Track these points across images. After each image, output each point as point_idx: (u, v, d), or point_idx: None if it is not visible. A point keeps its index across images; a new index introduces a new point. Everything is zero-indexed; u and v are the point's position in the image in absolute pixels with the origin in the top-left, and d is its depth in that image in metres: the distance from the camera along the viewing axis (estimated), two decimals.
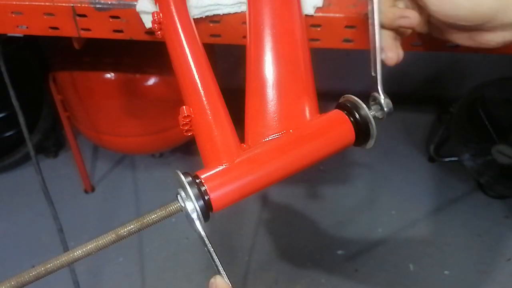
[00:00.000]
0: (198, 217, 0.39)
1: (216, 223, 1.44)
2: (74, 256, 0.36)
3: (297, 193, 1.53)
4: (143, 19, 0.60)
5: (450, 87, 1.83)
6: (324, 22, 0.60)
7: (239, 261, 1.36)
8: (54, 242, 1.04)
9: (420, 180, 1.59)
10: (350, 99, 0.45)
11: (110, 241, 0.37)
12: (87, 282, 1.31)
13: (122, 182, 1.59)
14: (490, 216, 1.49)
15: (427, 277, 1.34)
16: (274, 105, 0.47)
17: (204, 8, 0.59)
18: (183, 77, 0.49)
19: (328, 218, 1.48)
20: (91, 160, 1.65)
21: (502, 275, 1.34)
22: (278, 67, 0.48)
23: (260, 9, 0.51)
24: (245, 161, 0.43)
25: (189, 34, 0.51)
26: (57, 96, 1.27)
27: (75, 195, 1.55)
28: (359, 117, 0.44)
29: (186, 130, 0.47)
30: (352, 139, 0.45)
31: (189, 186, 0.39)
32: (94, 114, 1.26)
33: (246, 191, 0.42)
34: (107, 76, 1.16)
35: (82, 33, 0.65)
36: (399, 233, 1.45)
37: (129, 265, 1.36)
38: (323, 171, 1.59)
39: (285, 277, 1.34)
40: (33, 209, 1.49)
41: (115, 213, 1.50)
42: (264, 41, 0.49)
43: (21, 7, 0.63)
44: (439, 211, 1.51)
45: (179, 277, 1.34)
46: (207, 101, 0.47)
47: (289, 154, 0.43)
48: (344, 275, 1.35)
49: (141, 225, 0.38)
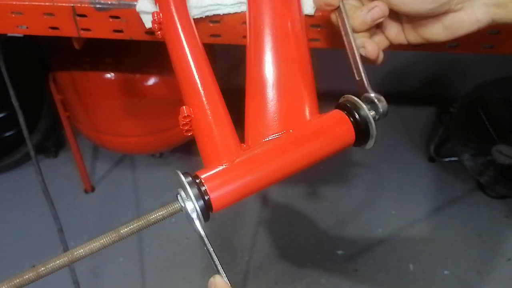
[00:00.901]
0: (198, 217, 0.39)
1: (216, 223, 1.44)
2: (74, 256, 0.36)
3: (297, 193, 1.53)
4: (143, 19, 0.60)
5: (450, 87, 1.83)
6: (324, 22, 0.60)
7: (239, 261, 1.36)
8: (54, 242, 1.04)
9: (420, 180, 1.60)
10: (350, 99, 0.45)
11: (111, 241, 0.37)
12: (87, 282, 1.31)
13: (122, 182, 1.59)
14: (490, 216, 1.49)
15: (427, 277, 1.34)
16: (274, 105, 0.47)
17: (204, 8, 0.59)
18: (183, 77, 0.49)
19: (328, 218, 1.48)
20: (91, 160, 1.65)
21: (502, 275, 1.34)
22: (278, 67, 0.48)
23: (260, 9, 0.51)
24: (245, 161, 0.43)
25: (189, 34, 0.51)
26: (57, 96, 1.27)
27: (75, 195, 1.55)
28: (359, 117, 0.44)
29: (186, 130, 0.47)
30: (352, 139, 0.45)
31: (189, 186, 0.39)
32: (94, 114, 1.26)
33: (246, 191, 0.42)
34: (107, 76, 1.16)
35: (82, 33, 0.65)
36: (399, 233, 1.45)
37: (129, 265, 1.36)
38: (323, 171, 1.59)
39: (285, 277, 1.34)
40: (33, 209, 1.49)
41: (115, 213, 1.50)
42: (264, 41, 0.49)
43: (21, 7, 0.63)
44: (439, 211, 1.51)
45: (179, 277, 1.34)
46: (207, 101, 0.47)
47: (289, 154, 0.43)
48: (344, 275, 1.35)
49: (141, 224, 0.38)
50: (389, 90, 0.46)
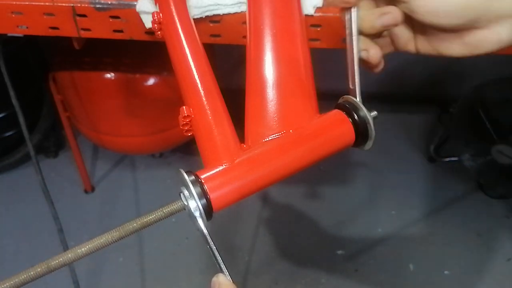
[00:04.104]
0: (201, 216, 0.39)
1: (216, 223, 1.43)
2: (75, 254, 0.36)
3: (297, 193, 1.53)
4: (143, 19, 0.60)
5: (450, 87, 1.83)
6: (324, 22, 0.60)
7: (239, 261, 1.36)
8: (54, 242, 1.04)
9: (420, 180, 1.60)
10: (349, 100, 0.45)
11: (114, 239, 0.37)
12: (87, 282, 1.31)
13: (122, 182, 1.59)
14: (490, 216, 1.49)
15: (427, 277, 1.34)
16: (274, 105, 0.47)
17: (204, 8, 0.59)
18: (183, 77, 0.49)
19: (328, 218, 1.48)
20: (91, 160, 1.65)
21: (502, 275, 1.34)
22: (278, 67, 0.48)
23: (260, 9, 0.51)
24: (245, 161, 0.43)
25: (189, 34, 0.51)
26: (57, 96, 1.27)
27: (75, 195, 1.55)
28: (358, 118, 0.44)
29: (186, 130, 0.47)
30: (352, 139, 0.45)
31: (192, 184, 0.39)
32: (94, 114, 1.26)
33: (246, 191, 0.42)
34: (107, 76, 1.16)
35: (82, 33, 0.65)
36: (399, 233, 1.45)
37: (129, 265, 1.36)
38: (323, 171, 1.59)
39: (285, 277, 1.34)
40: (33, 209, 1.49)
41: (115, 213, 1.50)
42: (264, 41, 0.49)
43: (21, 7, 0.63)
44: (439, 211, 1.51)
45: (179, 277, 1.34)
46: (207, 101, 0.47)
47: (289, 154, 0.43)
48: (344, 275, 1.35)
49: (144, 223, 0.38)
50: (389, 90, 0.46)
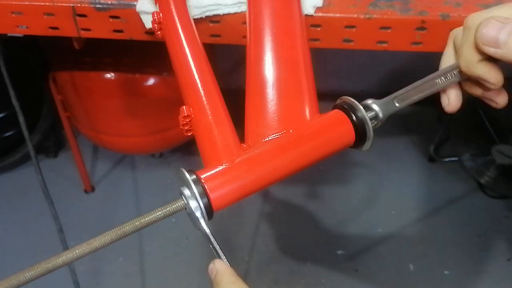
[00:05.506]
0: (202, 215, 0.39)
1: (216, 223, 1.43)
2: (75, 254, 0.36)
3: (297, 193, 1.53)
4: (143, 19, 0.60)
5: None
6: (324, 22, 0.60)
7: (239, 261, 1.36)
8: (54, 242, 1.04)
9: (420, 180, 1.59)
10: (347, 100, 0.45)
11: (114, 238, 0.37)
12: (87, 282, 1.31)
13: (122, 182, 1.59)
14: (490, 216, 1.49)
15: (427, 277, 1.34)
16: (274, 105, 0.47)
17: (204, 8, 0.59)
18: (183, 77, 0.49)
19: (328, 218, 1.48)
20: (91, 160, 1.65)
21: (502, 275, 1.34)
22: (278, 67, 0.48)
23: (260, 9, 0.51)
24: (245, 161, 0.43)
25: (189, 34, 0.51)
26: (57, 96, 1.27)
27: (75, 195, 1.55)
28: (356, 118, 0.44)
29: (186, 130, 0.47)
30: (352, 139, 0.45)
31: (194, 184, 0.39)
32: (94, 114, 1.26)
33: (246, 191, 0.42)
34: (107, 76, 1.16)
35: (82, 33, 0.65)
36: (399, 233, 1.45)
37: (129, 265, 1.36)
38: (323, 171, 1.59)
39: (285, 277, 1.34)
40: (33, 209, 1.49)
41: (115, 213, 1.50)
42: (264, 41, 0.49)
43: (21, 7, 0.63)
44: (439, 211, 1.51)
45: (179, 277, 1.34)
46: (207, 101, 0.47)
47: (289, 154, 0.43)
48: (344, 275, 1.35)
49: (144, 223, 0.38)
50: (389, 90, 0.46)
